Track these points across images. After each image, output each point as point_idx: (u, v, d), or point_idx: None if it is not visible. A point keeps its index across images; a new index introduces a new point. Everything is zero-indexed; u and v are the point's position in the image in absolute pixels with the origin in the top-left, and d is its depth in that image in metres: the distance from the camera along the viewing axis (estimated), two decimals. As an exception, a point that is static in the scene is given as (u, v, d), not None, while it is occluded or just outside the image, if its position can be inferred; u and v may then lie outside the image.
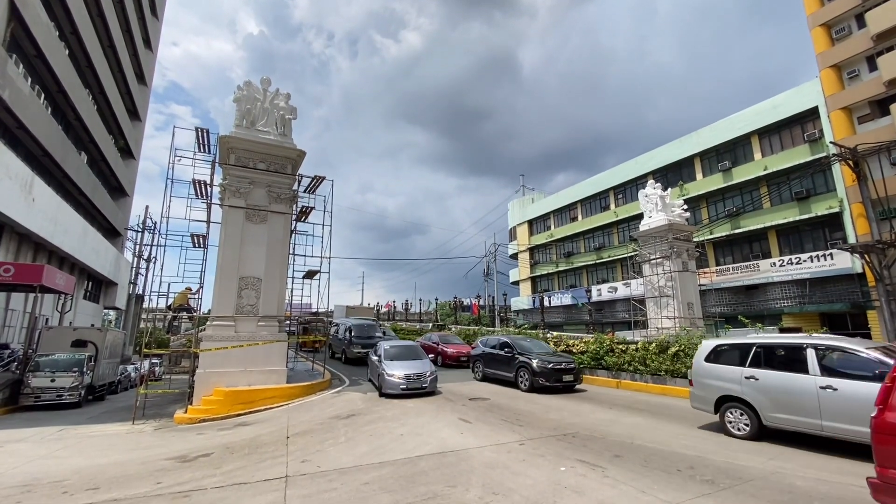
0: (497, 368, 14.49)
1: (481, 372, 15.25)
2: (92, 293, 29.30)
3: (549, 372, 12.64)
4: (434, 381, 12.53)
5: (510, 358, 13.88)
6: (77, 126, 23.43)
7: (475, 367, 15.70)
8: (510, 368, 13.70)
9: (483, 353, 15.48)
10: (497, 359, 14.60)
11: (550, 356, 13.41)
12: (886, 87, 20.86)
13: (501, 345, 14.83)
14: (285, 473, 6.07)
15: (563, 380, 12.64)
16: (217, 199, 14.15)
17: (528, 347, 14.06)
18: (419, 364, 12.72)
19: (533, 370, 12.69)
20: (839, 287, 22.96)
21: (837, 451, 6.74)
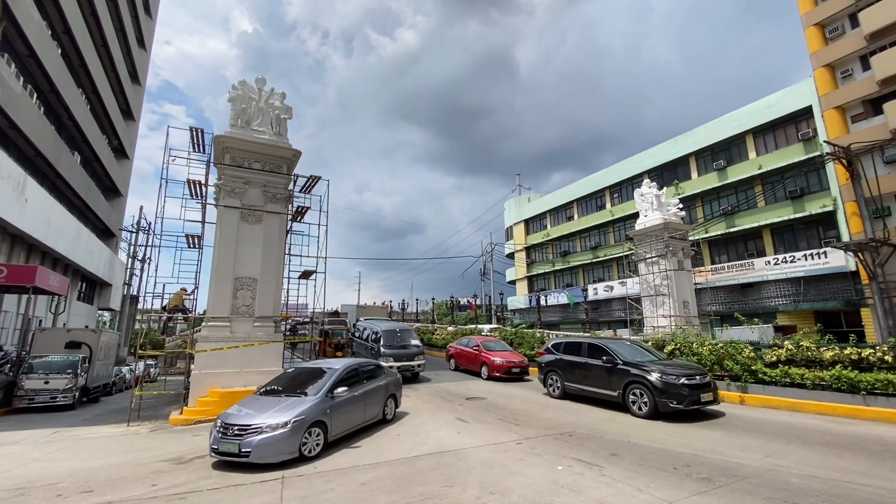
0: (588, 383, 10.79)
1: (559, 387, 11.63)
2: (86, 294, 29.09)
3: (681, 389, 8.88)
4: None
5: (610, 369, 10.21)
6: (70, 126, 23.23)
7: (550, 379, 11.97)
8: (611, 383, 10.13)
9: (559, 362, 11.73)
10: (585, 369, 10.93)
11: (672, 366, 9.72)
12: (880, 86, 21.01)
13: (589, 349, 11.11)
14: (282, 475, 6.05)
15: (701, 399, 8.91)
16: (212, 199, 14.07)
17: (628, 352, 10.52)
18: None
19: (653, 386, 9.10)
20: (833, 285, 23.12)
21: (832, 448, 6.79)
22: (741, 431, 7.98)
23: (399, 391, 9.75)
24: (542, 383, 12.26)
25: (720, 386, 11.47)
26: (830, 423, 8.44)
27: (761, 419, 8.96)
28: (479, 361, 16.11)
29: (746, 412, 9.73)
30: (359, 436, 8.04)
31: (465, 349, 17.32)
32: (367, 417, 8.32)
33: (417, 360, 15.28)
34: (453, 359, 18.24)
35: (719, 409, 9.70)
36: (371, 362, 9.61)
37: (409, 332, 17.00)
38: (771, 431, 7.89)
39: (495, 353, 15.97)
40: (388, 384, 9.28)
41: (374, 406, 8.56)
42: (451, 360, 18.37)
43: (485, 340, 17.21)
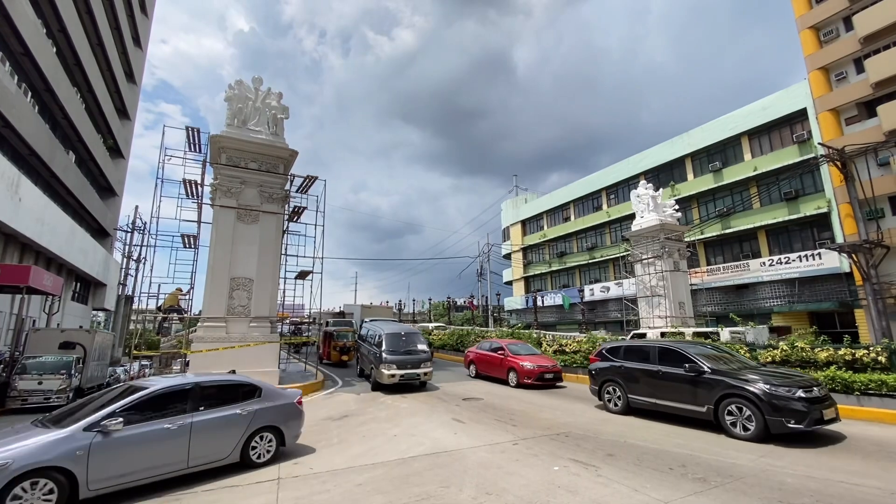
0: (663, 396, 8.79)
1: (621, 399, 9.62)
2: (80, 294, 28.90)
3: (798, 404, 7.11)
4: None
5: (695, 379, 8.22)
6: (65, 125, 23.08)
7: (607, 391, 10.02)
8: (696, 397, 8.15)
9: (620, 370, 9.78)
10: (657, 379, 8.95)
11: (777, 375, 7.85)
12: (873, 88, 21.18)
13: (662, 355, 9.11)
14: (277, 475, 6.02)
15: (824, 417, 7.18)
16: (208, 198, 14.04)
17: (713, 358, 8.59)
18: None
19: (759, 401, 7.32)
20: (827, 286, 23.28)
21: (827, 448, 6.82)
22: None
23: (290, 423, 6.97)
24: (597, 395, 10.36)
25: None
26: None
27: None
28: (504, 367, 14.42)
29: None
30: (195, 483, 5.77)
31: (488, 353, 15.62)
32: (194, 460, 5.86)
33: (424, 368, 13.31)
34: (473, 365, 16.23)
35: (837, 430, 7.90)
36: (235, 380, 6.90)
37: (417, 336, 14.66)
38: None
39: (523, 357, 14.25)
40: (258, 413, 6.58)
41: (215, 443, 6.10)
42: (472, 366, 16.38)
43: (509, 343, 15.59)
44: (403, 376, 13.01)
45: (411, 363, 13.26)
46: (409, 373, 13.09)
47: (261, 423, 6.61)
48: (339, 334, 22.38)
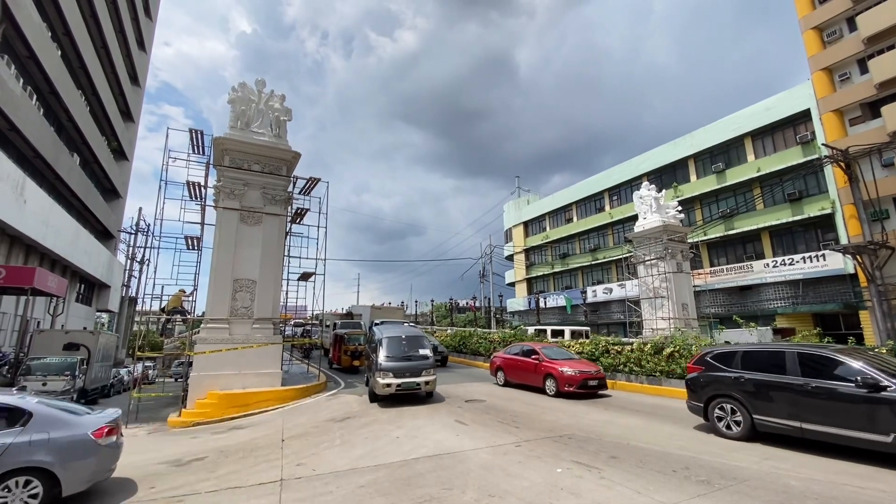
0: (813, 419, 6.67)
1: (742, 422, 7.52)
2: (84, 296, 29.04)
3: None
4: None
5: (868, 398, 6.15)
6: (69, 127, 23.24)
7: (719, 409, 7.88)
8: (873, 421, 6.07)
9: (739, 382, 7.65)
10: (801, 395, 6.84)
11: None
12: (877, 89, 21.09)
13: (805, 363, 7.05)
14: (280, 477, 6.03)
15: None
16: (211, 200, 14.10)
17: (879, 366, 6.47)
18: None
19: None
20: (832, 287, 23.16)
21: (831, 451, 6.78)
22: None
23: (70, 464, 5.19)
24: (702, 415, 8.14)
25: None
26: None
27: None
28: (540, 374, 12.80)
29: None
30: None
31: (518, 359, 13.97)
32: None
33: (425, 377, 11.37)
34: (501, 372, 14.52)
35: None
36: None
37: (419, 340, 12.69)
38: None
39: (562, 362, 12.70)
40: (12, 449, 4.89)
41: None
42: (499, 373, 14.64)
43: (543, 346, 13.91)
44: (400, 386, 11.05)
45: (410, 370, 11.32)
46: (408, 382, 11.12)
47: (16, 462, 4.89)
48: (351, 337, 21.03)
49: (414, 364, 11.55)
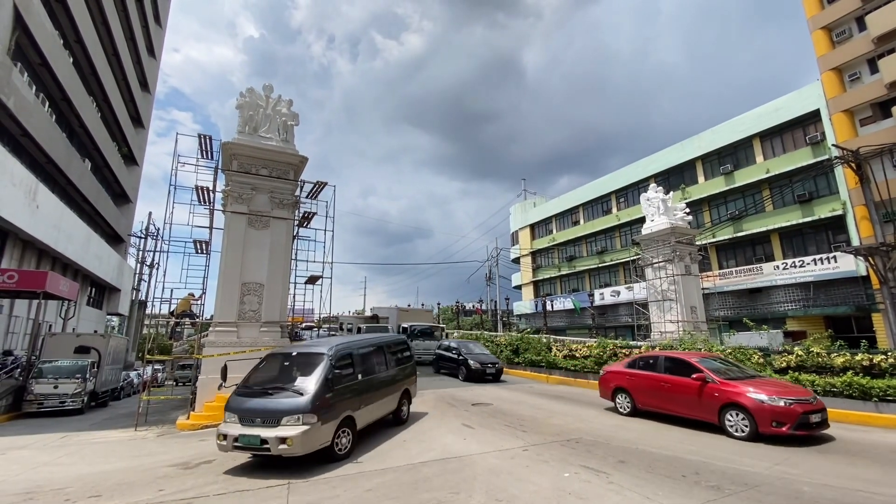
0: None
1: None
2: (95, 299, 29.39)
3: None
4: None
5: None
6: (81, 133, 23.58)
7: None
8: None
9: None
10: None
11: None
12: (888, 89, 20.83)
13: None
14: (288, 480, 6.05)
15: None
16: (220, 205, 14.22)
17: None
18: None
19: None
20: (843, 290, 22.83)
21: (844, 456, 6.68)
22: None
23: None
24: None
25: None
26: (842, 431, 8.30)
27: None
28: (711, 401, 8.37)
29: None
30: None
31: (660, 377, 9.57)
32: None
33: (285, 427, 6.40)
34: (626, 395, 10.21)
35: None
36: None
37: (306, 362, 7.54)
38: (782, 438, 7.78)
39: (746, 383, 8.28)
40: None
41: None
42: (621, 395, 10.36)
43: (701, 358, 9.52)
44: (239, 440, 6.44)
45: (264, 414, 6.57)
46: (250, 435, 6.38)
47: None
48: None
49: (272, 404, 6.65)
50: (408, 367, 10.04)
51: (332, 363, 7.15)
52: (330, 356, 7.28)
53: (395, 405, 9.11)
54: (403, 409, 9.52)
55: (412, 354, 10.57)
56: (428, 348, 22.52)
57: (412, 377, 10.19)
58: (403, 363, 9.92)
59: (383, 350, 9.20)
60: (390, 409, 8.95)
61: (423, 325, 24.30)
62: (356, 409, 7.44)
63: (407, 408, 9.71)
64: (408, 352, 10.42)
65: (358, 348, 8.24)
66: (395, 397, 9.13)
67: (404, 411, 9.55)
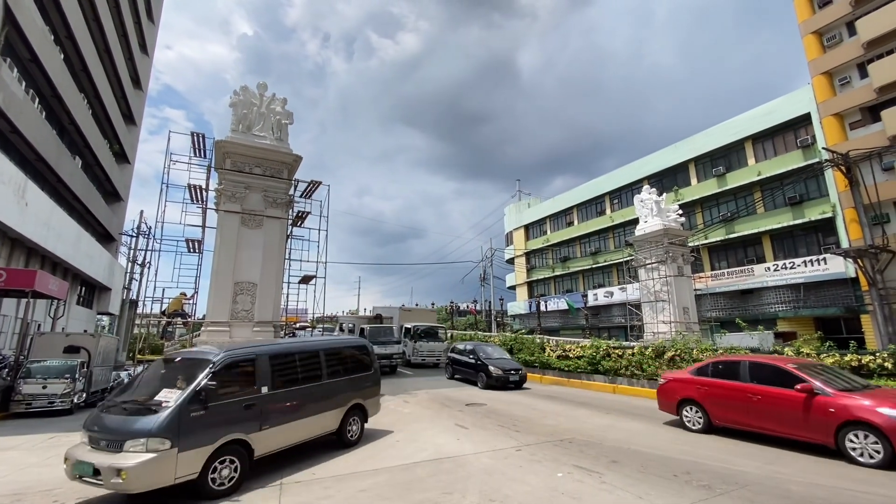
0: None
1: None
2: (85, 298, 29.05)
3: None
4: None
5: None
6: (72, 130, 23.30)
7: None
8: None
9: None
10: None
11: None
12: (877, 93, 21.11)
13: None
14: (280, 481, 6.01)
15: None
16: (212, 203, 14.13)
17: None
18: None
19: None
20: (833, 291, 23.11)
21: (834, 456, 6.76)
22: (742, 439, 7.97)
23: None
24: None
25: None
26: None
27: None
28: (822, 419, 6.98)
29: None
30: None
31: (746, 387, 8.01)
32: None
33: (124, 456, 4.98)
34: (697, 408, 8.75)
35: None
36: None
37: (187, 370, 6.33)
38: (771, 438, 7.86)
39: (867, 395, 7.00)
40: None
41: None
42: (690, 408, 8.89)
43: (800, 364, 7.97)
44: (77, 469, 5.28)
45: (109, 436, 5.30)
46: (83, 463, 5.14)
47: None
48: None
49: (120, 424, 5.35)
50: (363, 377, 8.38)
51: (214, 373, 5.69)
52: (214, 363, 5.83)
53: (335, 424, 7.49)
54: (351, 428, 7.83)
55: (374, 362, 8.88)
56: (433, 350, 21.86)
57: (370, 389, 8.51)
58: (356, 372, 8.24)
59: (319, 356, 7.54)
60: (328, 429, 7.35)
61: (426, 326, 23.33)
62: (254, 431, 5.96)
63: (359, 427, 8.02)
64: (367, 358, 8.77)
65: (268, 354, 6.69)
66: (337, 414, 7.54)
67: (353, 431, 7.85)
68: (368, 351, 8.92)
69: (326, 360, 7.62)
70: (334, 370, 7.73)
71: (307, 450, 7.49)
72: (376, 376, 8.86)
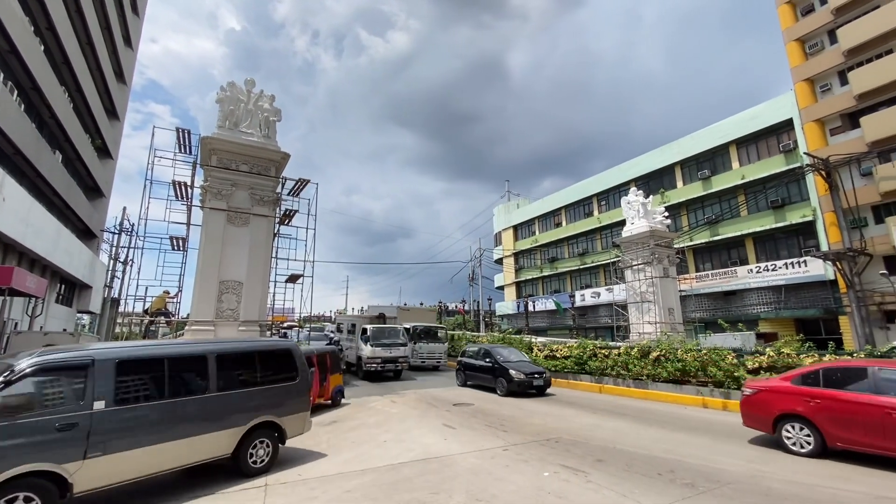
0: None
1: None
2: (65, 296, 28.36)
3: None
4: None
5: None
6: (52, 124, 22.74)
7: None
8: None
9: None
10: None
11: None
12: (857, 100, 21.67)
13: None
14: (265, 482, 5.95)
15: None
16: (198, 200, 13.92)
17: None
18: None
19: None
20: (813, 293, 23.65)
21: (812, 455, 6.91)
22: (724, 438, 8.10)
23: None
24: None
25: (703, 393, 11.66)
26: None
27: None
28: None
29: (728, 418, 9.87)
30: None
31: (885, 401, 6.31)
32: None
33: None
34: (806, 424, 7.03)
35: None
36: None
37: None
38: (753, 438, 8.01)
39: None
40: None
41: None
42: (796, 425, 7.15)
43: None
44: None
45: None
46: None
47: None
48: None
49: None
50: (281, 389, 6.79)
51: (8, 382, 4.49)
52: (14, 371, 4.59)
53: (229, 447, 6.02)
54: (255, 452, 6.27)
55: (301, 370, 7.15)
56: (432, 352, 21.01)
57: (292, 404, 6.87)
58: (269, 382, 6.69)
59: (207, 363, 6.07)
60: (216, 454, 5.88)
61: (425, 326, 22.25)
62: (74, 460, 4.63)
63: (269, 450, 6.43)
64: (291, 365, 7.08)
65: (115, 359, 5.25)
66: (232, 435, 6.03)
67: (258, 456, 6.29)
68: (293, 355, 7.21)
69: (218, 368, 6.12)
70: (231, 380, 6.25)
71: (287, 447, 7.40)
72: (302, 387, 7.12)
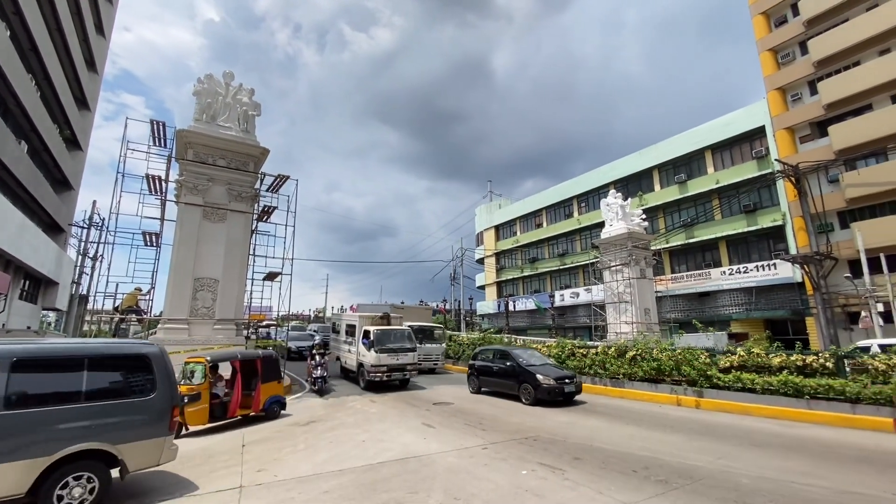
0: None
1: None
2: (29, 293, 27.21)
3: None
4: None
5: None
6: (17, 113, 21.76)
7: None
8: None
9: None
10: None
11: None
12: (825, 109, 22.54)
13: None
14: (240, 483, 5.82)
15: None
16: (172, 195, 13.54)
17: None
18: None
19: None
20: (782, 295, 24.51)
21: (780, 450, 7.15)
22: (697, 435, 8.31)
23: None
24: None
25: (677, 391, 11.93)
26: (778, 426, 8.89)
27: (715, 422, 9.31)
28: None
29: (701, 416, 10.13)
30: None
31: None
32: None
33: None
34: None
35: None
36: None
37: None
38: (724, 434, 8.24)
39: None
40: None
41: None
42: None
43: None
44: None
45: None
46: None
47: None
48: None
49: None
50: (122, 405, 5.28)
51: None
52: None
53: (20, 486, 4.46)
54: (67, 493, 4.71)
55: (157, 384, 5.58)
56: (429, 353, 19.92)
57: (139, 428, 5.32)
58: (102, 398, 5.15)
59: None
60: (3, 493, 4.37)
61: (421, 326, 20.93)
62: None
63: (90, 489, 4.86)
64: (141, 377, 5.53)
65: None
66: (26, 469, 4.48)
67: (70, 498, 4.72)
68: (151, 363, 5.61)
69: (11, 380, 4.62)
70: (31, 395, 4.76)
71: (268, 450, 7.28)
72: (160, 404, 5.52)
